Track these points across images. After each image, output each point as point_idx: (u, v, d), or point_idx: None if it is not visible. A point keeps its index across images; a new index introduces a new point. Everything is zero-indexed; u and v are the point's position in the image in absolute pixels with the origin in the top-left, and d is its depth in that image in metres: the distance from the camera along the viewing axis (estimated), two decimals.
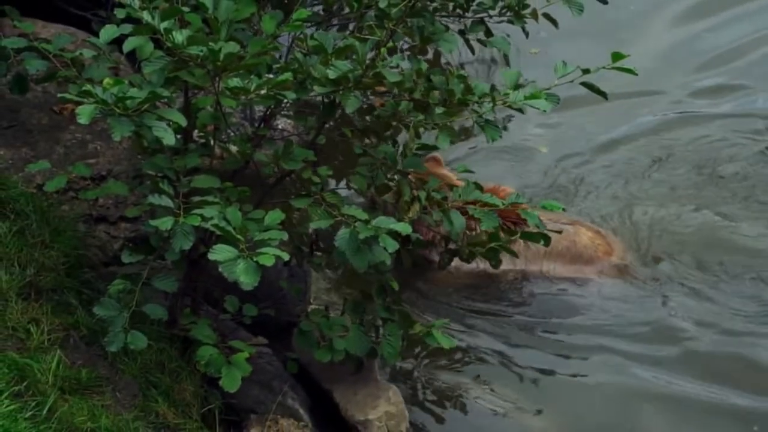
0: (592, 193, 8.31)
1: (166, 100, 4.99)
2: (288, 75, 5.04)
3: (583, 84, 5.41)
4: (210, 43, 4.87)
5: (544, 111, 5.26)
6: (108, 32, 5.25)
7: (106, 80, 4.81)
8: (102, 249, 6.21)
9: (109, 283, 5.31)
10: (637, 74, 5.37)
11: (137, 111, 4.75)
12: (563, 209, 5.80)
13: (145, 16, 4.87)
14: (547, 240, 5.80)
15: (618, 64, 5.28)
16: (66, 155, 6.63)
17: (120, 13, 5.09)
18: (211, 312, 6.04)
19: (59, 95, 4.97)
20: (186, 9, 5.09)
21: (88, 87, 4.72)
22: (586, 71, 5.35)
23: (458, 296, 7.40)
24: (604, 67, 5.33)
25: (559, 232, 6.23)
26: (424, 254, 6.53)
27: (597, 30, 9.14)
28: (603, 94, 5.52)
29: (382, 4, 5.36)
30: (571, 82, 5.35)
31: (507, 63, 9.20)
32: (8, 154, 6.55)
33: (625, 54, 5.27)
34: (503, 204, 5.60)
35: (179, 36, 4.87)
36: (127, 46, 5.10)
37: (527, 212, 5.66)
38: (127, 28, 5.06)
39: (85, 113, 4.65)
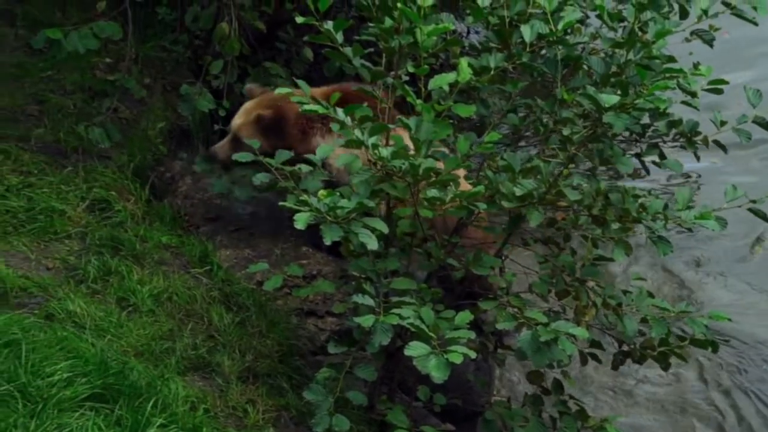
0: None
1: (371, 210, 5.12)
2: (480, 188, 5.15)
3: (751, 210, 5.42)
4: (411, 158, 5.03)
5: (714, 230, 5.25)
6: (323, 150, 5.48)
7: (321, 192, 4.95)
8: (311, 340, 6.34)
9: (317, 371, 5.44)
10: None
11: (346, 219, 4.89)
12: (729, 319, 5.70)
13: (357, 132, 5.06)
14: (715, 347, 5.74)
15: None
16: (282, 256, 6.86)
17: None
18: (405, 399, 6.11)
19: (279, 205, 5.15)
20: (391, 126, 5.29)
21: (305, 197, 4.90)
22: (753, 202, 5.37)
23: None
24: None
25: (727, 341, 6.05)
26: None
27: None
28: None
29: (565, 132, 5.41)
30: (740, 207, 5.34)
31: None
32: (233, 254, 6.87)
33: None
34: (674, 311, 5.57)
35: (384, 151, 5.04)
36: (339, 162, 5.32)
37: (694, 321, 5.57)
38: (339, 141, 5.22)
39: (301, 220, 4.82)
